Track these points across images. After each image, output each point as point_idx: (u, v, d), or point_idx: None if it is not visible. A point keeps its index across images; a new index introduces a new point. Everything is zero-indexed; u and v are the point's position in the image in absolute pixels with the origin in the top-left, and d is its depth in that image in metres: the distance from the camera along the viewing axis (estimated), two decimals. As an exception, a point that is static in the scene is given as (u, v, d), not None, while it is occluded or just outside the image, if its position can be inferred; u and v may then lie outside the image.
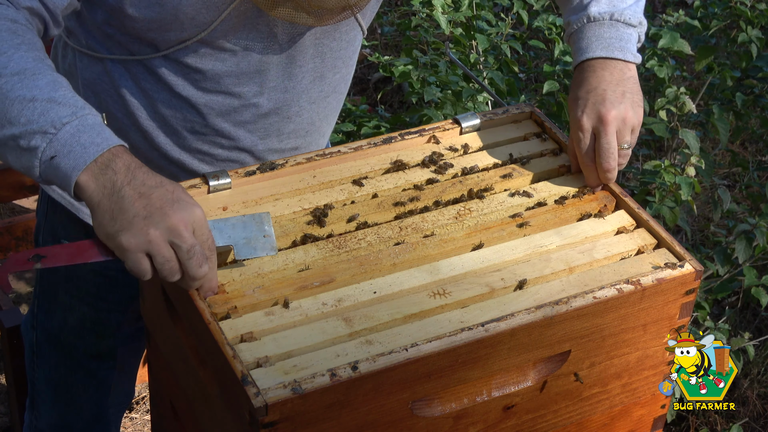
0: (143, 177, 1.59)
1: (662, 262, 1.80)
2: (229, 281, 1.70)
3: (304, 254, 1.76)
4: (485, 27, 3.53)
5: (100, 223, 1.59)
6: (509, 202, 1.90)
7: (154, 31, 1.83)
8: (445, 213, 1.87)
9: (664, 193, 2.86)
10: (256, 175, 1.87)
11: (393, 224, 1.84)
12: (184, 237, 1.57)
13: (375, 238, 1.81)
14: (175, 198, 1.58)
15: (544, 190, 1.93)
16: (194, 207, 1.60)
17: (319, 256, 1.76)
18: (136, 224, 1.56)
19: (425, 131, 2.00)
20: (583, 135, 1.89)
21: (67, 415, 2.37)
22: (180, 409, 1.90)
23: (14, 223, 3.31)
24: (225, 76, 1.91)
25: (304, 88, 1.98)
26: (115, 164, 1.59)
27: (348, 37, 1.99)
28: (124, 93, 1.95)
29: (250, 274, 1.72)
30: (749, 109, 3.57)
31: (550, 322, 1.69)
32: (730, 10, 3.49)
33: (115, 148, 1.60)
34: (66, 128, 1.58)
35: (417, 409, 1.66)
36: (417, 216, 1.86)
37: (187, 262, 1.59)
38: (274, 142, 2.03)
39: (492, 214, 1.88)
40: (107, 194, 1.58)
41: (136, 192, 1.57)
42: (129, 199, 1.57)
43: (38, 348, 2.32)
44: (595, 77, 1.91)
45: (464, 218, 1.86)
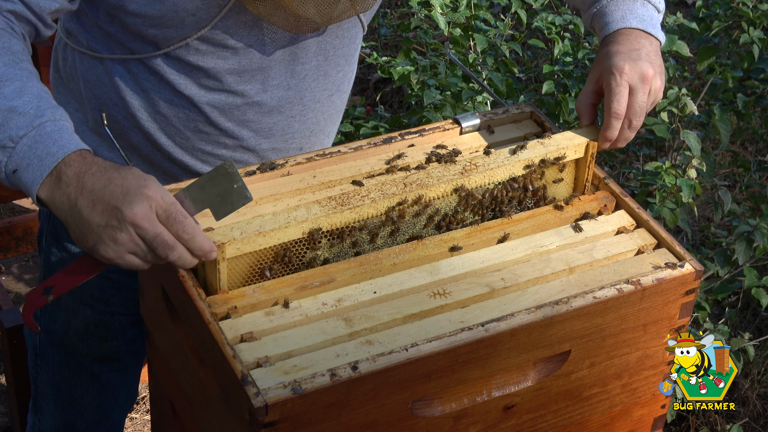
0: (92, 182, 1.58)
1: (662, 262, 1.80)
2: (229, 240, 1.66)
3: (307, 212, 1.74)
4: (483, 27, 3.52)
5: (77, 239, 1.61)
6: (516, 156, 1.87)
7: (155, 27, 1.82)
8: (451, 168, 1.84)
9: (665, 195, 2.86)
10: (256, 175, 1.87)
11: (397, 179, 1.81)
12: (144, 228, 1.56)
13: (379, 194, 1.78)
14: (124, 191, 1.57)
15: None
16: (146, 191, 1.57)
17: (321, 213, 1.74)
18: (103, 234, 1.57)
19: (425, 131, 2.00)
20: (623, 84, 1.86)
21: (70, 418, 2.37)
22: (180, 409, 1.90)
23: (14, 223, 3.31)
24: (227, 74, 1.90)
25: (308, 87, 1.98)
26: (66, 175, 1.58)
27: (350, 34, 1.99)
28: (125, 94, 1.95)
29: (251, 232, 1.69)
30: (750, 110, 3.57)
31: (550, 322, 1.69)
32: (732, 10, 3.49)
33: (67, 157, 1.59)
34: (23, 141, 1.59)
35: (417, 409, 1.66)
36: (422, 172, 1.83)
37: (155, 251, 1.58)
38: (278, 142, 2.02)
39: (499, 169, 1.85)
40: (67, 210, 1.59)
41: (89, 201, 1.57)
42: (86, 210, 1.57)
43: (41, 351, 2.32)
44: (636, 41, 1.91)
45: (470, 173, 1.83)
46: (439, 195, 1.83)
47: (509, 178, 1.88)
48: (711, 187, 3.68)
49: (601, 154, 3.94)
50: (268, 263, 1.73)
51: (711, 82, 3.58)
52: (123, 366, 2.30)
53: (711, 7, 3.55)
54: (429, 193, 1.82)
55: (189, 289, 1.67)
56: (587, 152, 1.92)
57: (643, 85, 1.86)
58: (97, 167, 1.59)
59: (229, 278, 1.71)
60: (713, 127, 3.38)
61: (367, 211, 1.77)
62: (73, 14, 1.94)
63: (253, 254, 1.72)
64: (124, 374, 2.32)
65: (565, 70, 3.39)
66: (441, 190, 1.82)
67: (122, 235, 1.56)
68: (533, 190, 1.90)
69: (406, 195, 1.79)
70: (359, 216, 1.77)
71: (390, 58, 3.50)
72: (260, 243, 1.70)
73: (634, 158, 4.13)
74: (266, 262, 1.73)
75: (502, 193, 1.88)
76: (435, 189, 1.82)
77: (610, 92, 1.87)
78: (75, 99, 2.03)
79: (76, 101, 2.03)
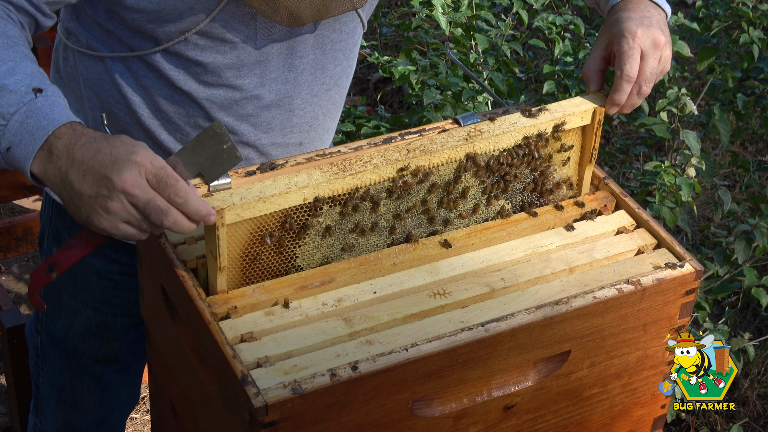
0: (81, 153, 1.57)
1: (662, 262, 1.80)
2: (229, 206, 1.64)
3: (308, 177, 1.71)
4: (485, 27, 3.52)
5: (71, 212, 1.60)
6: (522, 122, 1.84)
7: (154, 22, 1.83)
8: (455, 135, 1.81)
9: (665, 194, 2.86)
10: (256, 175, 1.87)
11: (400, 146, 1.78)
12: (135, 195, 1.56)
13: (381, 160, 1.75)
14: (113, 159, 1.56)
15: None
16: (134, 158, 1.56)
17: (323, 178, 1.71)
18: (95, 204, 1.56)
19: (425, 131, 1.99)
20: (635, 48, 1.84)
21: (71, 419, 2.37)
22: (180, 409, 1.90)
23: (14, 223, 3.31)
24: (225, 69, 1.91)
25: (306, 80, 1.98)
26: (57, 148, 1.58)
27: (347, 28, 1.99)
28: (126, 92, 1.95)
29: (251, 198, 1.66)
30: (750, 110, 3.57)
31: (550, 322, 1.69)
32: (732, 10, 3.49)
33: (57, 130, 1.59)
34: (14, 117, 1.59)
35: (417, 409, 1.66)
36: (426, 138, 1.79)
37: (148, 217, 1.57)
38: (277, 137, 2.02)
39: (504, 135, 1.81)
40: (60, 184, 1.58)
41: (79, 172, 1.57)
42: (77, 182, 1.57)
43: (43, 352, 2.31)
44: (646, 9, 1.90)
45: (475, 140, 1.80)
46: (443, 161, 1.79)
47: (514, 144, 1.84)
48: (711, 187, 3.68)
49: (601, 155, 3.94)
50: (268, 230, 1.71)
51: (711, 82, 3.58)
52: (124, 367, 2.30)
53: (711, 7, 3.55)
54: (433, 160, 1.78)
55: (189, 289, 1.67)
56: (594, 119, 1.88)
57: (655, 51, 1.85)
58: (87, 138, 1.59)
59: (228, 246, 1.68)
60: (713, 127, 3.38)
61: (370, 177, 1.74)
62: (72, 14, 1.95)
63: (253, 221, 1.69)
64: (125, 375, 2.32)
65: (566, 70, 3.39)
66: (445, 156, 1.79)
67: (114, 204, 1.56)
68: (538, 158, 1.86)
69: (409, 161, 1.76)
70: (361, 182, 1.73)
71: (391, 57, 3.50)
72: (260, 209, 1.67)
73: (633, 158, 4.13)
74: (267, 229, 1.70)
75: (507, 159, 1.83)
76: (439, 155, 1.78)
77: (622, 55, 1.85)
78: (75, 99, 2.03)
79: (77, 101, 2.03)
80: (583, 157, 1.93)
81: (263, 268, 1.74)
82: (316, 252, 1.76)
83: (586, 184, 1.95)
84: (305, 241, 1.74)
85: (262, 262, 1.73)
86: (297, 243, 1.74)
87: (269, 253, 1.73)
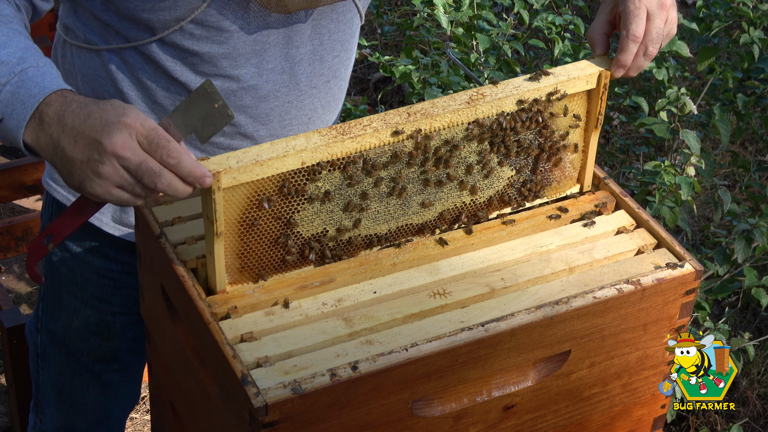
0: (72, 119, 1.57)
1: (662, 262, 1.80)
2: (225, 169, 1.61)
3: (306, 141, 1.68)
4: (486, 27, 3.52)
5: (65, 179, 1.60)
6: (525, 86, 1.81)
7: (148, 11, 1.83)
8: (457, 98, 1.77)
9: (665, 194, 2.86)
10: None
11: (401, 110, 1.75)
12: (126, 158, 1.55)
13: (381, 124, 1.72)
14: (103, 123, 1.55)
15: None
16: (124, 120, 1.55)
17: (321, 142, 1.68)
18: (87, 169, 1.56)
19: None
20: (642, 8, 1.82)
21: (71, 418, 2.37)
22: (180, 409, 1.90)
23: (14, 223, 3.31)
24: (222, 59, 1.90)
25: (304, 71, 1.97)
26: (48, 115, 1.58)
27: (345, 18, 1.99)
28: (122, 86, 1.95)
29: (248, 161, 1.64)
30: (750, 110, 3.57)
31: (550, 322, 1.69)
32: (732, 10, 3.49)
33: (48, 97, 1.59)
34: (6, 88, 1.59)
35: (417, 409, 1.66)
36: (427, 102, 1.76)
37: (141, 180, 1.57)
38: (276, 129, 2.02)
39: (506, 99, 1.78)
40: (52, 151, 1.58)
41: (70, 138, 1.57)
42: (68, 148, 1.56)
43: (43, 350, 2.31)
44: None
45: (477, 103, 1.76)
46: (445, 125, 1.76)
47: (518, 108, 1.80)
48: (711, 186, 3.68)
49: (601, 155, 3.94)
50: (266, 195, 1.68)
51: (711, 82, 3.58)
52: (124, 366, 2.30)
53: (711, 7, 3.56)
54: (434, 123, 1.75)
55: (189, 289, 1.67)
56: (600, 83, 1.85)
57: (661, 12, 1.83)
58: (77, 104, 1.59)
59: (225, 212, 1.66)
60: (713, 127, 3.38)
61: (369, 140, 1.71)
62: (70, 9, 1.95)
63: (250, 185, 1.66)
64: (125, 374, 2.32)
65: (565, 70, 3.39)
66: (447, 120, 1.75)
67: (106, 169, 1.55)
68: (542, 123, 1.83)
69: (409, 125, 1.73)
70: (361, 146, 1.71)
71: (392, 57, 3.50)
72: (257, 173, 1.64)
73: (633, 158, 4.13)
74: (264, 194, 1.68)
75: (510, 124, 1.80)
76: (440, 119, 1.75)
77: (628, 15, 1.83)
78: None
79: None
80: (589, 123, 1.90)
81: (261, 234, 1.71)
82: (315, 218, 1.73)
83: (592, 150, 1.92)
84: (304, 207, 1.71)
85: (260, 228, 1.70)
86: (295, 209, 1.71)
87: (267, 219, 1.70)
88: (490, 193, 1.86)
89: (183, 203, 1.83)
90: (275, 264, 1.74)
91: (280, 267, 1.75)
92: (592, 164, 1.95)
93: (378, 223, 1.79)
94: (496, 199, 1.88)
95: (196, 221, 1.79)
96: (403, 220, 1.81)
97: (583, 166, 1.94)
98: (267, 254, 1.73)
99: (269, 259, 1.73)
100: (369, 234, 1.79)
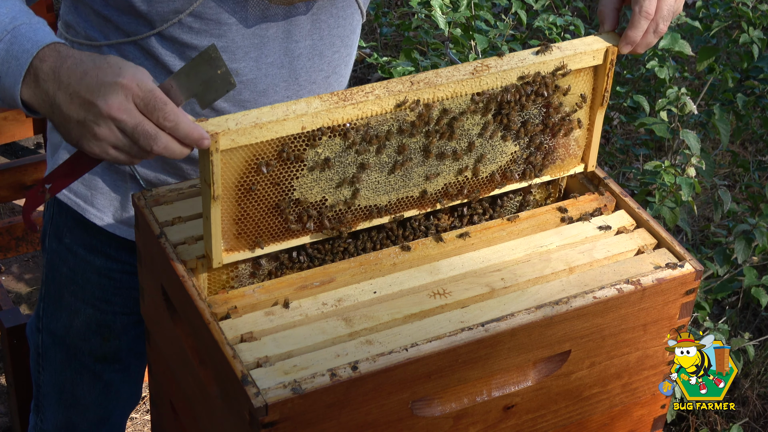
0: (67, 76, 1.56)
1: (662, 262, 1.80)
2: (224, 130, 1.59)
3: (307, 105, 1.65)
4: (484, 27, 3.53)
5: (63, 136, 1.59)
6: (531, 59, 1.78)
7: (147, 3, 1.83)
8: (461, 69, 1.75)
9: (665, 194, 2.86)
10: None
11: (404, 79, 1.73)
12: (122, 120, 1.54)
13: (384, 91, 1.69)
14: (99, 83, 1.54)
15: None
16: (120, 81, 1.54)
17: (322, 107, 1.65)
18: (82, 130, 1.55)
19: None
20: None
21: (72, 418, 2.37)
22: (180, 409, 1.90)
23: (14, 223, 3.31)
24: (221, 52, 1.90)
25: (303, 66, 1.97)
26: (42, 71, 1.57)
27: (345, 14, 1.99)
28: None
29: (247, 123, 1.61)
30: (750, 110, 3.57)
31: (550, 322, 1.69)
32: (732, 10, 3.49)
33: (40, 52, 1.58)
34: (0, 47, 1.59)
35: (417, 409, 1.66)
36: (431, 72, 1.73)
37: (137, 143, 1.55)
38: None
39: (511, 71, 1.76)
40: (48, 109, 1.57)
41: (66, 96, 1.55)
42: (64, 106, 1.55)
43: (44, 350, 2.31)
44: None
45: (481, 74, 1.74)
46: (448, 96, 1.73)
47: (522, 81, 1.78)
48: (711, 186, 3.68)
49: (601, 154, 3.94)
50: (265, 159, 1.65)
51: (711, 82, 3.59)
52: (125, 366, 2.30)
53: (711, 8, 3.56)
54: (437, 93, 1.72)
55: (189, 289, 1.67)
56: (606, 59, 1.83)
57: None
58: (73, 60, 1.57)
59: (223, 175, 1.63)
60: (713, 127, 3.38)
61: (371, 108, 1.69)
62: (71, 5, 1.96)
63: (248, 148, 1.64)
64: (126, 374, 2.32)
65: (566, 70, 3.39)
66: (450, 90, 1.73)
67: (101, 130, 1.54)
68: (547, 98, 1.81)
69: (412, 94, 1.71)
70: (362, 113, 1.68)
71: (391, 58, 3.50)
72: (256, 135, 1.61)
73: (633, 158, 4.13)
74: (263, 158, 1.65)
75: (514, 97, 1.78)
76: (444, 89, 1.73)
77: None
78: None
79: None
80: (595, 100, 1.88)
81: (259, 200, 1.68)
82: (315, 185, 1.71)
83: (597, 128, 1.90)
84: (303, 173, 1.69)
85: (258, 194, 1.68)
86: (294, 175, 1.69)
87: (265, 184, 1.68)
88: (493, 168, 1.84)
89: (183, 203, 1.83)
90: (273, 232, 1.72)
91: (278, 235, 1.72)
92: (597, 142, 1.92)
93: (378, 194, 1.77)
94: (499, 174, 1.86)
95: (196, 221, 1.79)
96: (403, 192, 1.79)
97: (588, 144, 1.92)
98: (265, 221, 1.71)
99: (267, 226, 1.71)
100: (369, 205, 1.77)
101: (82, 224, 2.11)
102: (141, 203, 1.81)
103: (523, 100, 1.79)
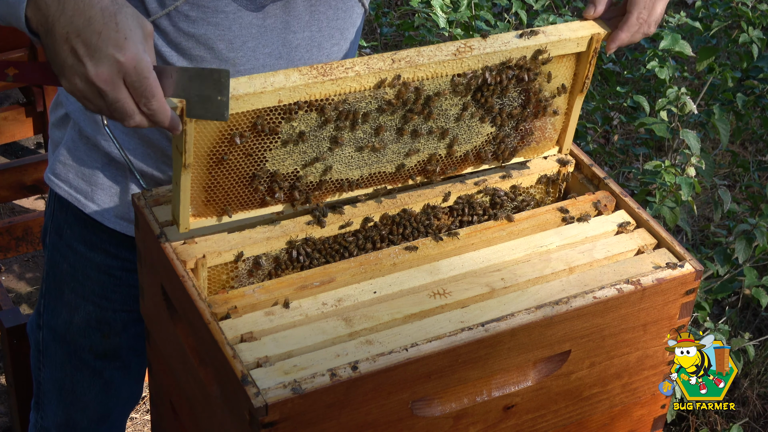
0: (72, 11, 1.51)
1: (662, 262, 1.80)
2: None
3: (285, 78, 1.63)
4: (484, 27, 3.53)
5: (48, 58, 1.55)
6: (514, 42, 1.77)
7: None
8: (444, 49, 1.72)
9: (665, 194, 2.86)
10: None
11: (385, 56, 1.69)
12: (105, 91, 1.52)
13: (364, 68, 1.67)
14: (98, 45, 1.50)
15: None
16: (119, 57, 1.51)
17: (300, 81, 1.63)
18: (67, 72, 1.53)
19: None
20: None
21: (72, 415, 2.37)
22: (180, 409, 1.90)
23: (14, 223, 3.31)
24: (218, 41, 1.90)
25: (301, 57, 1.97)
26: None
27: (344, 6, 1.98)
28: None
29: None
30: (750, 110, 3.57)
31: (550, 322, 1.69)
32: (732, 10, 3.49)
33: None
34: None
35: (417, 409, 1.66)
36: (413, 50, 1.71)
37: (112, 113, 1.54)
38: None
39: (494, 54, 1.75)
40: (44, 32, 1.54)
41: (63, 32, 1.51)
42: (59, 40, 1.51)
43: (44, 347, 2.31)
44: None
45: (464, 55, 1.72)
46: (429, 76, 1.72)
47: (503, 65, 1.77)
48: (711, 186, 3.68)
49: (601, 155, 3.94)
50: (239, 130, 1.64)
51: (710, 82, 3.59)
52: (125, 364, 2.30)
53: (710, 7, 3.56)
54: (418, 73, 1.71)
55: (189, 289, 1.67)
56: (590, 47, 1.82)
57: None
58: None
59: (195, 144, 1.62)
60: (713, 127, 3.38)
61: (351, 84, 1.66)
62: None
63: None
64: (126, 372, 2.32)
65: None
66: (431, 70, 1.71)
67: (82, 85, 1.53)
68: (527, 82, 1.80)
69: (392, 72, 1.69)
70: (341, 89, 1.67)
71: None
72: (232, 107, 1.59)
73: (633, 158, 4.13)
74: (237, 129, 1.64)
75: (495, 80, 1.76)
76: (425, 69, 1.71)
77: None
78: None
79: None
80: (575, 86, 1.88)
81: (230, 169, 1.68)
82: (287, 158, 1.70)
83: (575, 113, 1.90)
84: (276, 146, 1.67)
85: (230, 164, 1.67)
86: (267, 147, 1.67)
87: (238, 155, 1.67)
88: (467, 147, 1.84)
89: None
90: (242, 201, 1.72)
91: (247, 204, 1.72)
92: (573, 127, 1.93)
93: (350, 168, 1.77)
94: (473, 154, 1.86)
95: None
96: (376, 167, 1.79)
97: (564, 128, 1.92)
98: (234, 190, 1.70)
99: (236, 195, 1.71)
100: (340, 178, 1.77)
101: (83, 221, 2.11)
102: (141, 203, 1.81)
103: (504, 83, 1.78)
